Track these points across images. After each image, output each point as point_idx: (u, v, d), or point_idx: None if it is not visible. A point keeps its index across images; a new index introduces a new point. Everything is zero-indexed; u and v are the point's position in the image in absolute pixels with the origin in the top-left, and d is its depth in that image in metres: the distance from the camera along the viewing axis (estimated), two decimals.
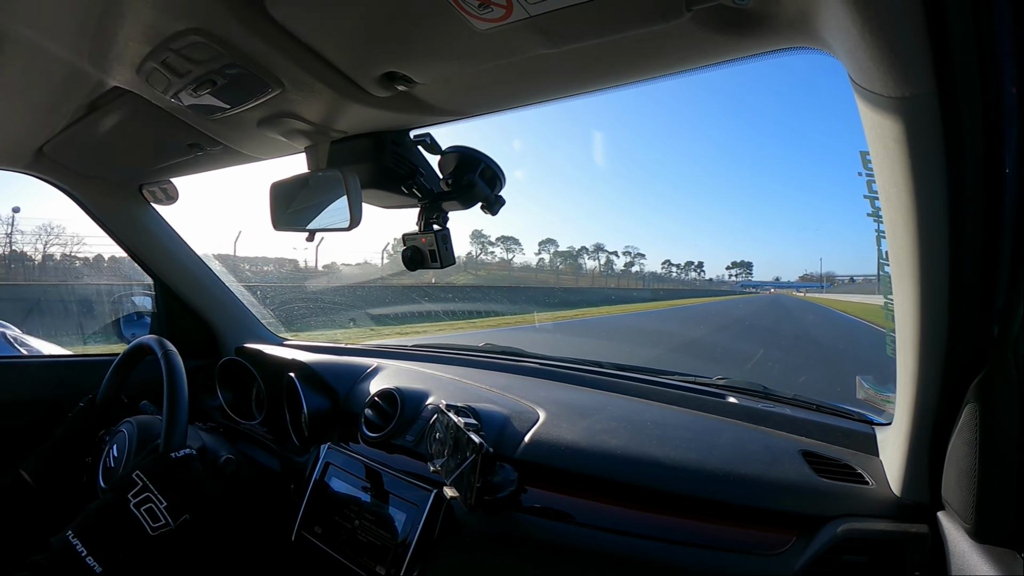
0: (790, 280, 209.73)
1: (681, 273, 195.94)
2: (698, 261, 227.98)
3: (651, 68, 0.88)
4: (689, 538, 1.04)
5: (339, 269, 31.42)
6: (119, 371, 1.61)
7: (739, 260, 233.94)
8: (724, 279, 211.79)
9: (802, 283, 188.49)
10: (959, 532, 0.82)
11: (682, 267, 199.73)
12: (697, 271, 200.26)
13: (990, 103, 0.59)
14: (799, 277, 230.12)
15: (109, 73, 1.06)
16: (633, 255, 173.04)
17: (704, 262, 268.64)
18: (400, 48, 0.85)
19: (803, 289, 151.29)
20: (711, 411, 1.35)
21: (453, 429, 1.20)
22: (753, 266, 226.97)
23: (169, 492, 1.20)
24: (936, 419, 0.83)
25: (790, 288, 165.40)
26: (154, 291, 2.20)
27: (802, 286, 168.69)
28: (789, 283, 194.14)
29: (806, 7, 0.64)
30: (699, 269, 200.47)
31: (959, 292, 0.70)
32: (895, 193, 0.69)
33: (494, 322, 13.76)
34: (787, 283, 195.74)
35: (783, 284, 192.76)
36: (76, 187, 1.86)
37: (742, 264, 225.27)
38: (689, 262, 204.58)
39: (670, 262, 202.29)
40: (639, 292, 74.33)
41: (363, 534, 1.32)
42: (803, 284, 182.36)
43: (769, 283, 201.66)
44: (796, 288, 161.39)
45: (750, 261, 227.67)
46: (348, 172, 1.11)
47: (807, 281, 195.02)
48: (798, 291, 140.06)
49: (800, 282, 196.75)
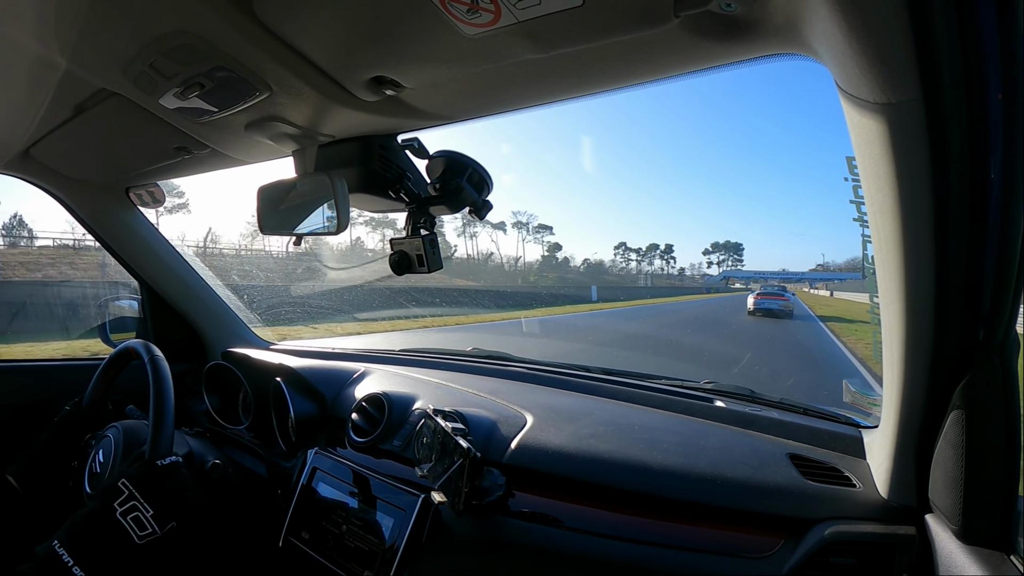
0: (799, 272, 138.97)
1: (644, 261, 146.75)
2: (665, 245, 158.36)
3: (639, 73, 0.88)
4: (677, 542, 1.04)
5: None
6: (105, 375, 1.60)
7: (723, 242, 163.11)
8: (704, 269, 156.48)
9: (823, 274, 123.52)
10: (946, 534, 0.83)
11: (643, 252, 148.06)
12: (665, 258, 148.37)
13: (976, 109, 0.59)
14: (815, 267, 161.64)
15: (96, 75, 1.05)
16: (536, 227, 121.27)
17: (675, 245, 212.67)
18: (388, 53, 0.85)
19: (819, 283, 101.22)
20: (698, 415, 1.36)
21: (440, 434, 1.20)
22: (743, 250, 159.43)
23: (155, 500, 1.19)
24: (923, 422, 0.84)
25: (802, 281, 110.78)
26: (140, 294, 2.19)
27: (824, 278, 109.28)
28: (801, 275, 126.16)
29: (793, 14, 0.65)
30: (666, 255, 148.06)
31: (945, 296, 0.71)
32: (881, 198, 0.70)
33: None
34: (793, 275, 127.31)
35: (789, 276, 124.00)
36: (62, 190, 1.84)
37: (728, 248, 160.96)
38: (653, 246, 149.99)
39: (626, 246, 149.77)
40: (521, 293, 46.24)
41: (351, 539, 1.31)
42: (824, 276, 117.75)
43: (769, 273, 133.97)
44: (812, 281, 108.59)
45: (738, 243, 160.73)
46: (336, 176, 1.10)
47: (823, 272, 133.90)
48: (813, 286, 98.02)
49: (820, 273, 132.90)
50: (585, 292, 53.92)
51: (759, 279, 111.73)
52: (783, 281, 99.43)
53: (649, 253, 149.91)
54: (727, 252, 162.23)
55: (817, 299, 53.56)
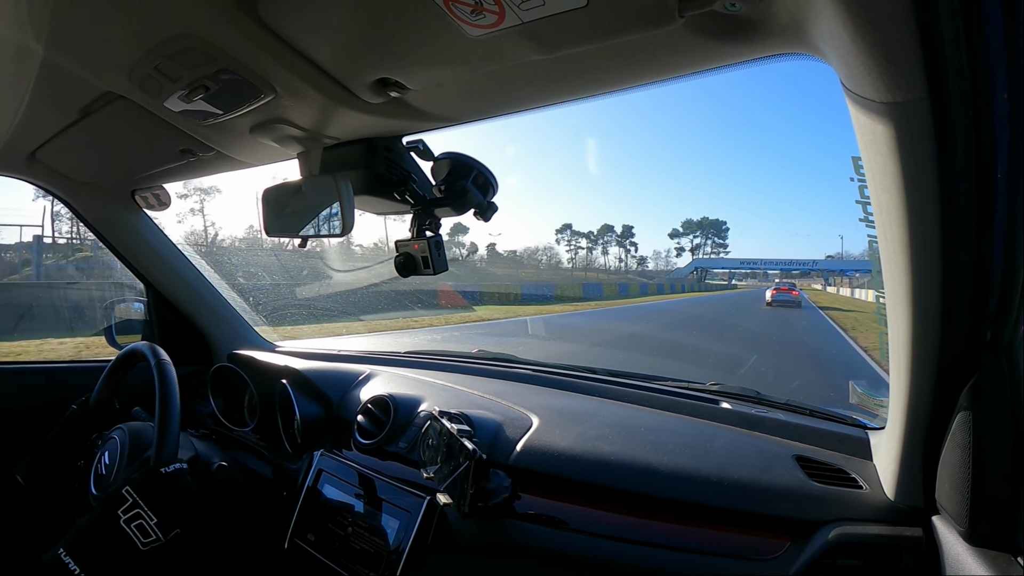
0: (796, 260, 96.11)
1: (594, 247, 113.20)
2: (623, 227, 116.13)
3: (643, 74, 0.88)
4: (683, 543, 1.03)
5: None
6: (112, 376, 1.60)
7: (700, 219, 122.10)
8: (673, 258, 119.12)
9: (833, 263, 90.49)
10: (953, 536, 0.82)
11: (595, 235, 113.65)
12: (622, 243, 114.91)
13: (982, 108, 0.59)
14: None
15: (101, 78, 1.05)
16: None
17: (635, 226, 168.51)
18: (392, 54, 0.85)
19: (836, 274, 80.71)
20: (704, 416, 1.35)
21: (446, 436, 1.20)
22: (728, 230, 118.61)
23: (159, 507, 1.19)
24: (929, 423, 0.84)
25: (809, 275, 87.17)
26: (146, 297, 2.19)
27: (831, 268, 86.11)
28: (802, 265, 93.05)
29: (798, 14, 0.65)
30: (625, 240, 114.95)
31: (952, 297, 0.71)
32: (887, 198, 0.69)
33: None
34: (793, 264, 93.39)
35: (788, 267, 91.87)
36: (69, 192, 1.85)
37: (704, 226, 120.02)
38: (607, 227, 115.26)
39: (571, 229, 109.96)
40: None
41: (356, 541, 1.31)
42: (831, 265, 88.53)
43: (771, 262, 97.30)
44: (827, 273, 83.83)
45: (721, 220, 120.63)
46: (341, 178, 1.11)
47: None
48: (829, 280, 79.25)
49: (832, 262, 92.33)
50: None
51: (749, 269, 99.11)
52: (784, 274, 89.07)
53: (602, 237, 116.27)
54: (704, 233, 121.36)
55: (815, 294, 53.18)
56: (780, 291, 31.44)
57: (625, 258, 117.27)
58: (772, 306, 28.28)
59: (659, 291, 65.63)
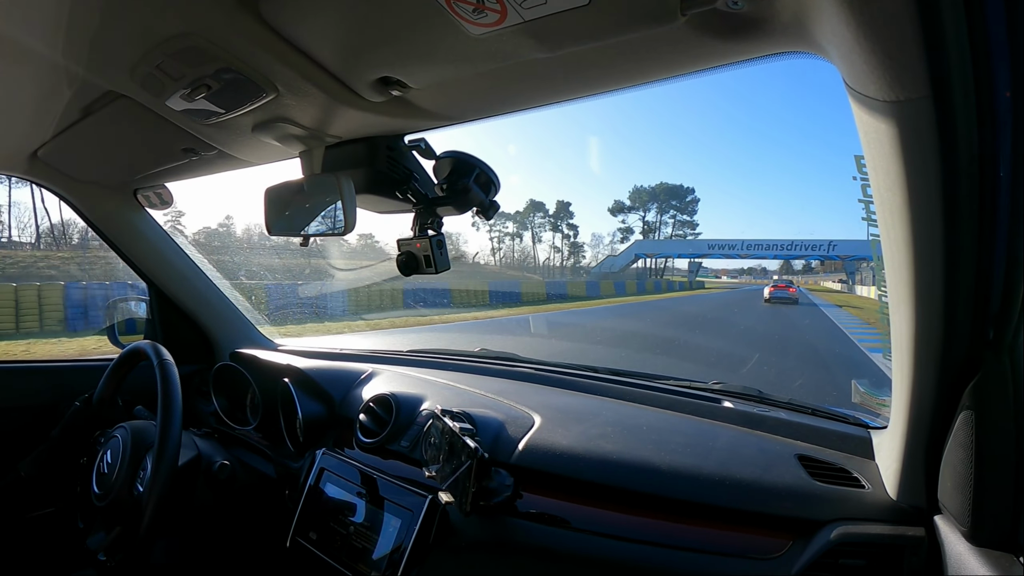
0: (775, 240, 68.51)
1: (522, 232, 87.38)
2: (558, 203, 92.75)
3: (645, 72, 0.88)
4: (685, 543, 1.03)
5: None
6: (114, 375, 1.61)
7: (656, 184, 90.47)
8: (615, 243, 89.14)
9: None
10: (956, 535, 0.82)
11: (519, 216, 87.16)
12: (560, 226, 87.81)
13: (985, 107, 0.59)
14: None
15: (103, 77, 1.06)
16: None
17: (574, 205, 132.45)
18: (394, 53, 0.85)
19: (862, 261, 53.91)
20: (706, 415, 1.35)
21: (448, 434, 1.20)
22: (696, 200, 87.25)
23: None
24: (932, 423, 0.83)
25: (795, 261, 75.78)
26: (149, 296, 2.20)
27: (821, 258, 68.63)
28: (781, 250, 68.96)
29: (801, 12, 0.65)
30: (561, 220, 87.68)
31: (954, 296, 0.70)
32: (890, 197, 0.69)
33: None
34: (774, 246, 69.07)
35: (816, 248, 64.96)
36: (71, 192, 1.85)
37: (659, 195, 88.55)
38: (536, 204, 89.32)
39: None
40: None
41: (358, 540, 1.31)
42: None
43: (763, 243, 70.51)
44: (853, 263, 57.27)
45: (687, 187, 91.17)
46: (343, 177, 1.11)
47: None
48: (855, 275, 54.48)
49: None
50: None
51: (723, 255, 75.06)
52: (754, 257, 74.25)
53: (528, 216, 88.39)
54: (660, 205, 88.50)
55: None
56: (777, 288, 32.55)
57: (562, 246, 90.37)
58: (771, 303, 28.67)
59: (591, 292, 42.56)
